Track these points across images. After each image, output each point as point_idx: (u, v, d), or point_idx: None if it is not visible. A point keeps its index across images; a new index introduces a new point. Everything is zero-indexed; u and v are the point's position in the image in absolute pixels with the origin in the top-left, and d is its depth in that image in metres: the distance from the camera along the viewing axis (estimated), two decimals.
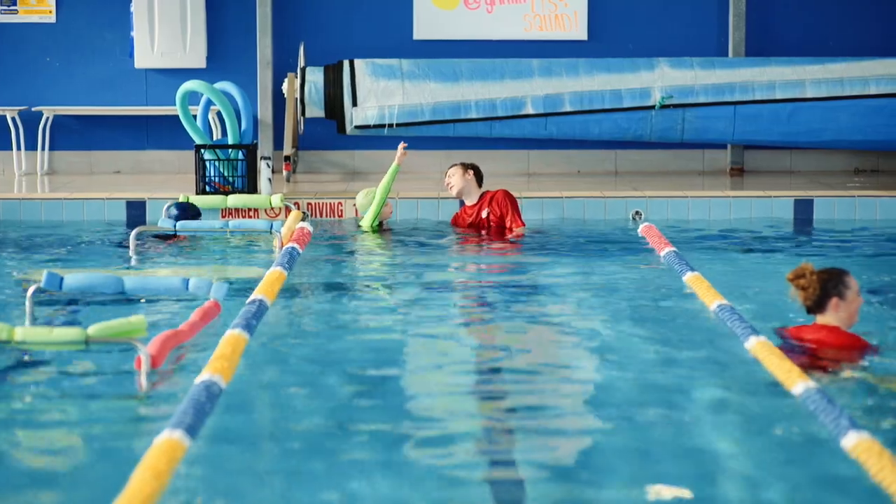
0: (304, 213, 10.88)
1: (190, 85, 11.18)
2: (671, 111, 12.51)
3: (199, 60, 13.34)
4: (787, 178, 13.02)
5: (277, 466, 4.77)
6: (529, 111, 12.47)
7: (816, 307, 6.08)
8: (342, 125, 12.60)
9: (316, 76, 12.55)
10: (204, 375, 5.27)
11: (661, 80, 12.52)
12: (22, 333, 5.80)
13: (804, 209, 11.22)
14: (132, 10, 13.25)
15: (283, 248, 8.89)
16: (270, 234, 9.54)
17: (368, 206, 10.50)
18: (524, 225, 10.37)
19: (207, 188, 11.34)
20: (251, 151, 11.46)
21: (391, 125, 12.43)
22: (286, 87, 12.73)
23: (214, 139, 12.29)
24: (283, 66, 13.25)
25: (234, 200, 10.82)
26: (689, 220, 11.09)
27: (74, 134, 13.50)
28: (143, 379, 5.67)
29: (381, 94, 12.46)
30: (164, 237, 9.95)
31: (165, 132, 13.34)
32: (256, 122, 13.02)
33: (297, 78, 12.65)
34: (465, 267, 9.16)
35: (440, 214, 11.12)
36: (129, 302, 7.42)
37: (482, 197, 10.55)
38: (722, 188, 11.89)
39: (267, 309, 6.88)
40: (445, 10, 13.44)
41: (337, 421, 5.23)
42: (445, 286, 8.20)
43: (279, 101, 13.21)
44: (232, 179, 11.37)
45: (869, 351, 6.08)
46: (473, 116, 12.48)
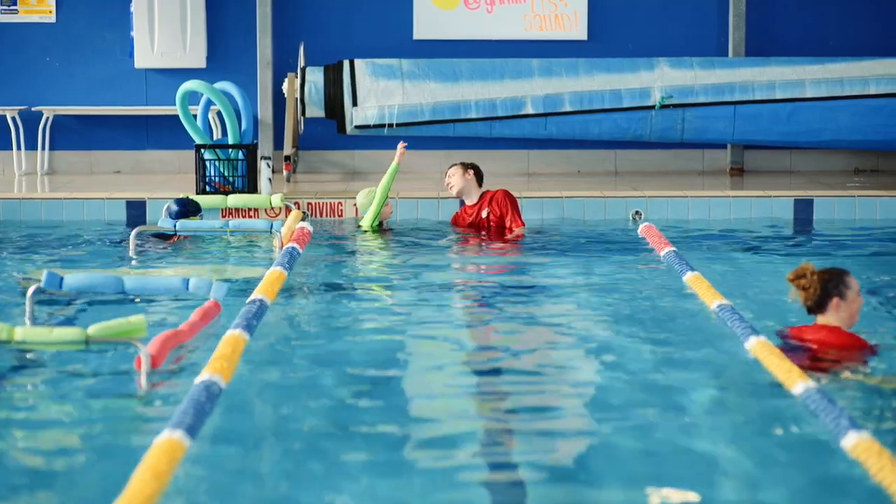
0: (304, 212, 10.88)
1: (190, 85, 11.18)
2: (671, 111, 12.51)
3: (199, 60, 13.34)
4: (786, 177, 13.02)
5: (276, 467, 4.77)
6: (529, 111, 12.47)
7: (817, 307, 6.08)
8: (342, 125, 12.60)
9: (316, 76, 12.55)
10: (204, 375, 5.27)
11: (660, 80, 12.52)
12: (22, 333, 5.80)
13: (804, 209, 11.22)
14: (132, 9, 13.25)
15: (283, 247, 8.88)
16: (270, 233, 9.54)
17: (369, 205, 10.49)
18: (524, 225, 10.36)
19: (207, 188, 11.34)
20: (251, 151, 11.46)
21: (391, 125, 12.43)
22: (286, 86, 12.73)
23: (214, 139, 12.28)
24: (283, 65, 13.25)
25: (234, 200, 10.82)
26: (688, 220, 11.09)
27: (74, 134, 13.50)
28: (143, 379, 5.66)
29: (381, 93, 12.45)
30: (164, 237, 9.95)
31: (165, 132, 13.34)
32: (256, 121, 13.02)
33: (297, 78, 12.64)
34: (464, 267, 9.15)
35: (440, 214, 11.12)
36: (129, 302, 7.42)
37: (482, 197, 10.55)
38: (722, 188, 11.89)
39: (267, 309, 6.88)
40: (445, 10, 13.44)
41: (336, 421, 5.23)
42: (445, 286, 8.19)
43: (279, 100, 13.21)
44: (232, 179, 11.37)
45: (869, 351, 6.08)
46: (473, 116, 12.48)
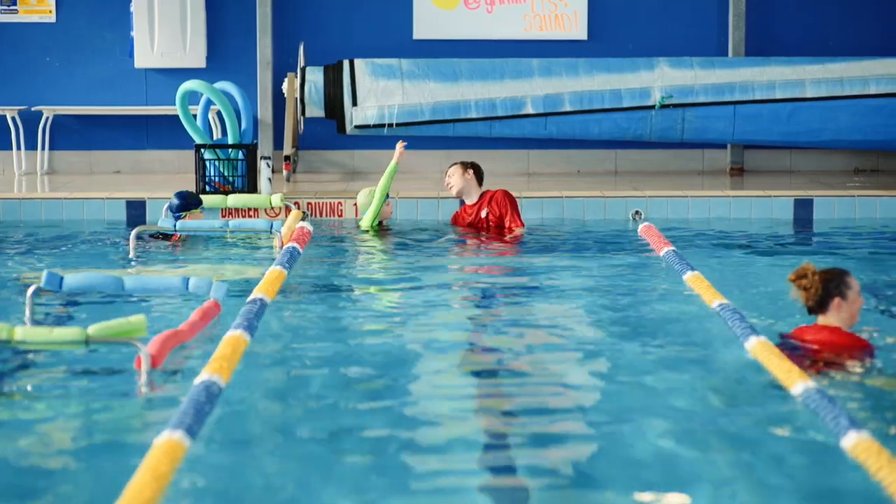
0: (304, 212, 10.88)
1: (190, 85, 11.18)
2: (671, 111, 12.51)
3: (199, 60, 13.34)
4: (786, 177, 13.02)
5: (275, 468, 4.76)
6: (529, 111, 12.47)
7: (818, 307, 6.08)
8: (342, 125, 12.60)
9: (316, 76, 12.55)
10: (203, 376, 5.27)
11: (660, 79, 12.52)
12: (22, 333, 5.79)
13: (804, 209, 11.22)
14: (132, 9, 13.25)
15: (283, 247, 8.88)
16: (270, 233, 9.53)
17: (369, 205, 10.48)
18: (523, 225, 10.35)
19: (207, 188, 11.34)
20: (251, 151, 11.46)
21: (391, 125, 12.44)
22: (286, 86, 12.73)
23: (214, 139, 12.28)
24: (283, 65, 13.25)
25: (234, 200, 10.82)
26: (688, 219, 11.09)
27: (74, 134, 13.50)
28: (143, 378, 5.66)
29: (380, 93, 12.45)
30: (166, 236, 9.94)
31: (165, 132, 13.34)
32: (256, 121, 13.02)
33: (297, 78, 12.65)
34: (463, 268, 9.14)
35: (440, 214, 11.12)
36: (129, 301, 7.42)
37: (482, 196, 10.53)
38: (722, 188, 11.89)
39: (266, 308, 6.87)
40: (445, 9, 13.44)
41: (335, 422, 5.23)
42: (444, 287, 8.18)
43: (279, 100, 13.21)
44: (232, 179, 11.37)
45: (870, 351, 6.07)
46: (473, 116, 12.48)
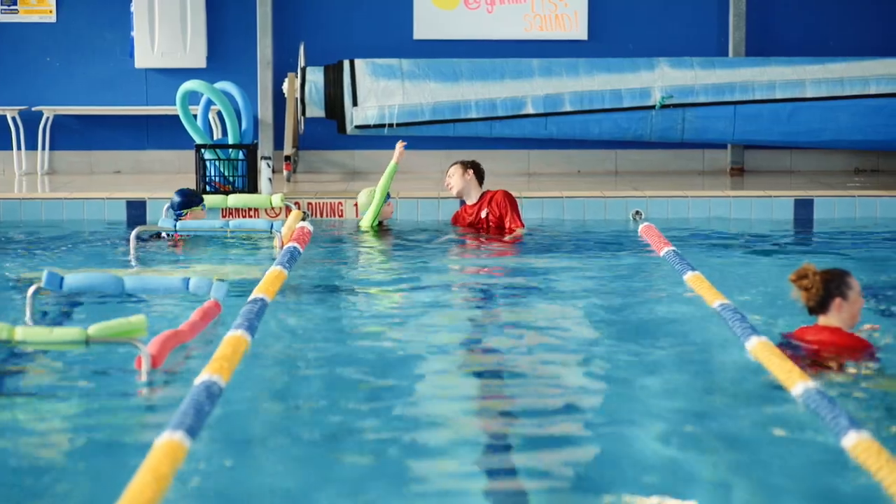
0: (304, 212, 10.87)
1: (190, 85, 11.18)
2: (671, 111, 12.51)
3: (199, 60, 13.34)
4: (787, 177, 13.02)
5: (275, 468, 4.76)
6: (529, 111, 12.47)
7: (819, 308, 6.07)
8: (342, 125, 12.60)
9: (316, 76, 12.55)
10: (204, 376, 5.27)
11: (661, 79, 12.52)
12: (22, 333, 5.80)
13: (804, 209, 11.22)
14: (132, 9, 13.25)
15: (283, 247, 8.88)
16: (271, 233, 9.54)
17: (369, 205, 10.48)
18: (523, 226, 10.32)
19: (208, 188, 11.34)
20: (251, 151, 11.46)
21: (391, 125, 12.44)
22: (286, 86, 12.73)
23: (215, 139, 12.29)
24: (283, 65, 13.25)
25: (234, 200, 10.81)
26: (689, 219, 11.08)
27: (75, 134, 13.50)
28: (143, 379, 5.66)
29: (381, 93, 12.46)
30: (168, 235, 9.94)
31: (166, 132, 13.34)
32: (257, 121, 13.03)
33: (297, 78, 12.65)
34: (463, 268, 9.14)
35: (440, 214, 11.12)
36: (129, 302, 7.42)
37: (482, 197, 10.52)
38: (722, 188, 11.89)
39: (266, 308, 6.87)
40: (445, 9, 13.44)
41: (335, 422, 5.22)
42: (444, 287, 8.18)
43: (279, 100, 13.21)
44: (232, 179, 11.37)
45: (871, 352, 6.07)
46: (473, 116, 12.48)
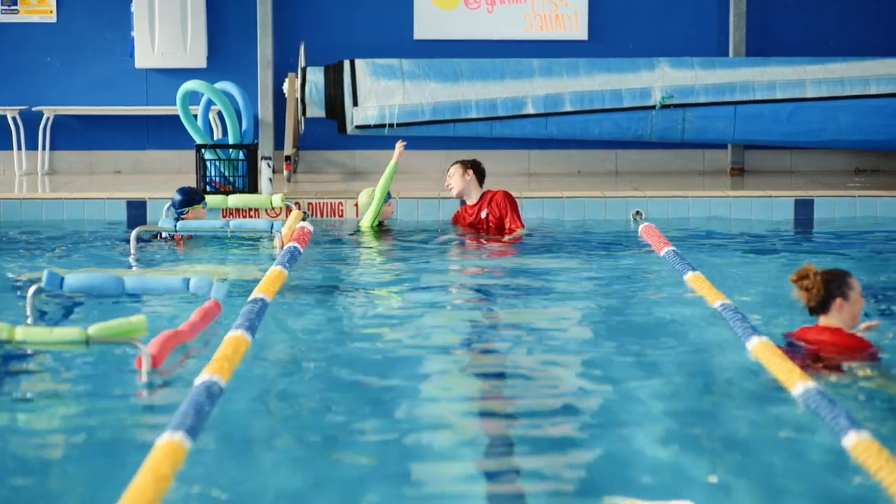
0: (304, 212, 10.87)
1: (190, 85, 11.18)
2: (671, 111, 12.51)
3: (199, 60, 13.34)
4: (787, 178, 13.02)
5: (275, 468, 4.76)
6: (530, 111, 12.47)
7: (820, 308, 6.07)
8: (343, 125, 12.60)
9: (316, 76, 12.55)
10: (204, 376, 5.27)
11: (661, 80, 12.52)
12: (22, 333, 5.80)
13: (805, 209, 11.22)
14: (133, 9, 13.25)
15: (283, 247, 8.88)
16: (271, 233, 9.54)
17: (370, 205, 10.47)
18: (523, 227, 10.30)
19: (208, 188, 11.34)
20: (252, 151, 11.46)
21: (392, 125, 12.44)
22: (287, 86, 12.73)
23: (215, 139, 12.29)
24: (283, 65, 13.26)
25: (234, 200, 10.81)
26: (689, 220, 11.08)
27: (75, 134, 13.50)
28: (143, 379, 5.67)
29: (381, 93, 12.46)
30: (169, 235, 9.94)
31: (166, 132, 13.34)
32: (257, 121, 13.03)
33: (297, 78, 12.65)
34: (463, 269, 9.13)
35: (441, 214, 11.12)
36: (129, 302, 7.42)
37: (483, 197, 10.51)
38: (722, 188, 11.89)
39: (267, 308, 6.87)
40: (446, 9, 13.44)
41: (334, 423, 5.22)
42: (443, 287, 8.18)
43: (280, 100, 13.21)
44: (233, 179, 11.37)
45: (871, 352, 6.07)
46: (474, 116, 12.49)
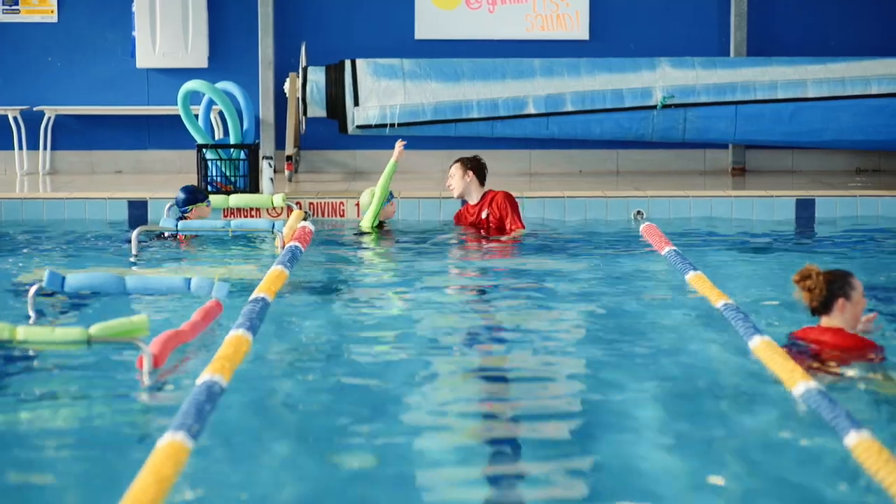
0: (305, 212, 10.87)
1: (191, 85, 11.18)
2: (673, 111, 12.51)
3: (200, 60, 13.34)
4: (788, 177, 13.02)
5: (275, 469, 4.76)
6: (531, 111, 12.47)
7: (822, 308, 6.07)
8: (344, 125, 12.60)
9: (317, 76, 12.55)
10: (205, 376, 5.27)
11: (662, 79, 12.52)
12: (24, 333, 5.80)
13: (806, 209, 11.22)
14: (134, 9, 13.26)
15: (284, 247, 8.88)
16: (272, 233, 9.54)
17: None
18: (524, 227, 10.28)
19: (209, 188, 11.34)
20: (253, 151, 11.47)
21: (393, 125, 12.44)
22: (288, 86, 12.73)
23: (216, 139, 12.29)
24: (284, 65, 13.26)
25: (235, 200, 10.81)
26: (690, 219, 11.08)
27: (76, 134, 13.50)
28: (145, 378, 5.67)
29: (382, 93, 12.46)
30: (171, 235, 9.94)
31: (167, 132, 13.34)
32: (258, 121, 13.03)
33: (298, 77, 12.65)
34: (463, 269, 9.12)
35: (442, 214, 11.11)
36: (131, 301, 7.42)
37: (484, 197, 10.49)
38: (723, 188, 11.89)
39: (268, 307, 6.87)
40: (447, 9, 13.44)
41: (335, 423, 5.22)
42: (443, 288, 8.17)
43: (281, 100, 13.21)
44: (234, 179, 11.37)
45: (874, 352, 6.06)
46: (475, 116, 12.49)
